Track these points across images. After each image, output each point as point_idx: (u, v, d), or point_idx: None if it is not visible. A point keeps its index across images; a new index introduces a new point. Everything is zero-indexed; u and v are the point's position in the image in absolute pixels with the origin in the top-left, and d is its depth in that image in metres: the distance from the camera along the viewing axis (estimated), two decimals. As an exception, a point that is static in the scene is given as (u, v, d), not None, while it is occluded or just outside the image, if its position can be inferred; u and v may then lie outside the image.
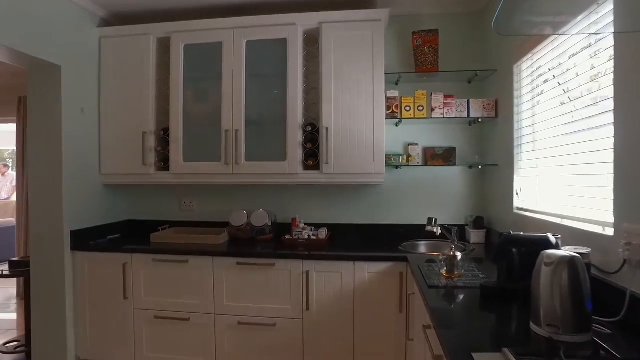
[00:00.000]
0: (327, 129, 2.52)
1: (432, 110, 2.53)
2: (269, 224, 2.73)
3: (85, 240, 2.62)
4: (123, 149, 2.76)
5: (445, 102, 2.50)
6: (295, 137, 2.56)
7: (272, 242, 2.68)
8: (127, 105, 2.75)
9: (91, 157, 2.73)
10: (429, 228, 2.50)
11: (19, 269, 2.79)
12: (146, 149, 2.71)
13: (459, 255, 1.75)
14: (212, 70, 2.67)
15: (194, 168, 2.67)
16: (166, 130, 2.73)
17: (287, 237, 2.63)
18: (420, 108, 2.55)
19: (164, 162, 2.76)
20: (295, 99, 2.56)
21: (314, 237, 2.60)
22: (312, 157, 2.60)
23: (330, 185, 2.81)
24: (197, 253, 2.40)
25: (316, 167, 2.58)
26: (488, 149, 2.70)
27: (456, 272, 1.73)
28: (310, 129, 2.56)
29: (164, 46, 2.76)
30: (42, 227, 2.52)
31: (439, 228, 2.44)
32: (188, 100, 2.70)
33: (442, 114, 2.52)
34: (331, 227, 2.82)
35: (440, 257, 1.75)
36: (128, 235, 2.92)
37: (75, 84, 2.57)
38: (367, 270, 2.27)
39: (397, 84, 2.74)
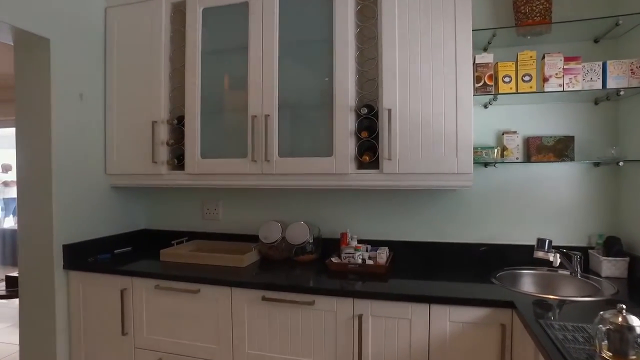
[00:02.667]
0: (389, 111, 1.80)
1: (546, 80, 1.72)
2: (310, 240, 2.05)
3: (84, 255, 2.10)
4: (130, 144, 2.22)
5: (566, 67, 1.69)
6: (345, 123, 1.86)
7: (315, 265, 2.01)
8: (136, 89, 2.20)
9: (94, 154, 2.21)
10: (540, 254, 1.71)
11: (17, 288, 2.34)
12: (156, 143, 2.15)
13: (636, 324, 0.96)
14: (237, 39, 2.05)
15: (213, 167, 2.06)
16: (181, 120, 2.15)
17: (333, 259, 1.94)
18: (527, 78, 1.75)
19: (178, 160, 2.18)
20: (345, 73, 1.87)
21: (371, 262, 1.90)
22: (369, 151, 1.90)
23: (394, 190, 2.09)
24: (210, 281, 1.78)
25: (374, 164, 1.87)
26: (628, 137, 1.84)
27: (633, 356, 0.95)
28: (366, 112, 1.86)
29: (178, 12, 2.18)
30: (29, 240, 2.04)
31: (557, 255, 1.64)
32: (207, 80, 2.10)
33: (561, 85, 1.70)
34: (393, 246, 2.10)
35: (599, 326, 0.98)
36: (141, 249, 2.39)
37: (71, 63, 2.06)
38: (450, 318, 1.52)
39: (485, 50, 1.96)
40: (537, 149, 1.95)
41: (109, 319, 1.96)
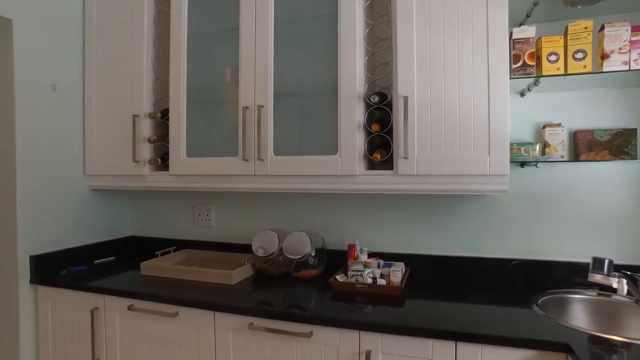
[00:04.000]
0: (405, 99, 1.48)
1: (605, 57, 1.36)
2: (312, 253, 1.74)
3: (57, 268, 1.85)
4: (110, 141, 1.96)
5: (634, 38, 1.33)
6: (352, 115, 1.55)
7: (317, 282, 1.70)
8: (116, 78, 1.94)
9: (71, 153, 1.96)
10: (598, 278, 1.37)
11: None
12: (138, 140, 1.88)
13: None
14: (227, 18, 1.76)
15: (200, 167, 1.78)
16: (166, 113, 1.87)
17: (338, 277, 1.63)
18: (580, 55, 1.39)
19: (162, 159, 1.90)
20: (353, 54, 1.55)
21: (383, 281, 1.58)
22: (382, 148, 1.58)
23: (411, 195, 1.76)
24: (190, 303, 1.49)
25: (387, 164, 1.56)
26: None
27: None
28: (377, 100, 1.54)
29: (163, -10, 1.91)
30: (-6, 251, 1.80)
31: (624, 281, 1.29)
32: (194, 67, 1.81)
33: (626, 62, 1.35)
34: (411, 261, 1.77)
35: None
36: (126, 259, 2.12)
37: (40, 49, 1.81)
38: (483, 360, 1.19)
39: (521, 24, 1.61)
40: (588, 145, 1.60)
41: (79, 343, 1.70)
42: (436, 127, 1.47)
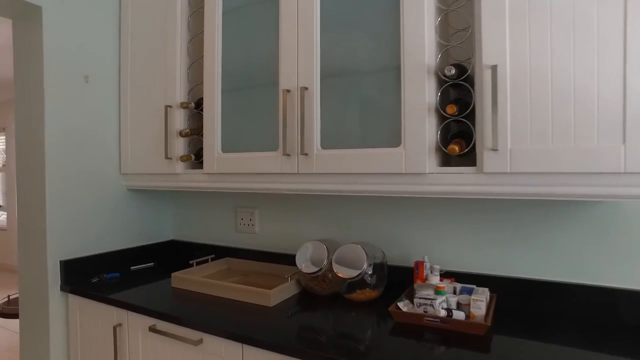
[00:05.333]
0: (493, 69, 1.08)
1: None
2: (369, 271, 1.40)
3: (89, 273, 1.70)
4: (143, 136, 1.77)
5: None
6: (419, 94, 1.18)
7: (375, 308, 1.35)
8: (150, 66, 1.74)
9: (104, 149, 1.80)
10: None
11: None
12: (170, 134, 1.66)
13: None
14: (268, -13, 1.48)
15: (236, 164, 1.51)
16: (201, 103, 1.64)
17: (402, 305, 1.26)
18: None
19: (197, 155, 1.67)
20: (420, 15, 1.18)
21: (461, 314, 1.19)
22: (460, 137, 1.19)
23: (501, 199, 1.35)
24: (215, 330, 1.22)
25: (468, 158, 1.17)
26: None
27: None
28: (454, 73, 1.15)
29: (198, -38, 1.67)
30: (26, 253, 1.68)
31: None
32: (230, 47, 1.55)
33: None
34: (497, 285, 1.36)
35: None
36: (166, 265, 1.93)
37: (72, 37, 1.66)
38: None
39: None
40: None
41: (105, 358, 1.52)
42: (539, 107, 1.05)
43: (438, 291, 1.23)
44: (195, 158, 1.66)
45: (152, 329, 1.34)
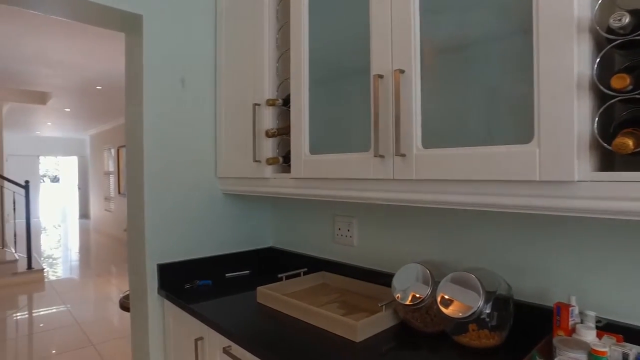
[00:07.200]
0: (702, 12, 0.66)
1: None
2: (486, 309, 1.05)
3: (184, 278, 1.68)
4: (234, 137, 1.69)
5: None
6: (562, 63, 0.80)
7: (494, 359, 1.00)
8: (241, 63, 1.65)
9: (201, 153, 1.77)
10: None
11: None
12: (258, 135, 1.54)
13: None
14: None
15: (323, 167, 1.30)
16: (289, 100, 1.47)
17: (534, 364, 0.89)
18: None
19: (285, 158, 1.51)
20: (567, -51, 0.80)
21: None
22: (634, 125, 0.78)
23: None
24: (287, 367, 1.02)
25: (647, 159, 0.75)
26: None
27: None
28: (626, 23, 0.74)
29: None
30: (132, 256, 1.74)
31: None
32: (318, 32, 1.35)
33: None
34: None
35: None
36: (262, 273, 1.83)
37: (169, 43, 1.66)
38: None
39: None
40: None
41: (191, 374, 1.46)
42: None
43: (595, 356, 0.83)
44: (284, 160, 1.51)
45: (226, 352, 1.21)
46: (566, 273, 1.08)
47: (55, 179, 15.53)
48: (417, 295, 1.15)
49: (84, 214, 12.60)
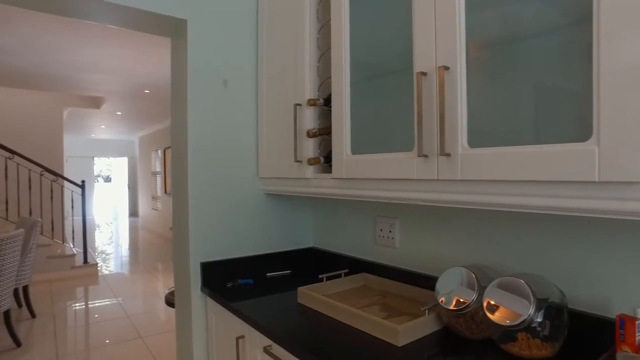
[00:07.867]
0: None
1: None
2: (537, 318, 0.99)
3: (226, 277, 1.71)
4: (275, 137, 1.70)
5: None
6: (628, 50, 0.74)
7: (547, 372, 0.94)
8: (282, 63, 1.66)
9: (243, 153, 1.80)
10: None
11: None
12: (300, 135, 1.54)
13: None
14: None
15: (365, 167, 1.28)
16: (330, 99, 1.47)
17: (592, 378, 0.83)
18: None
19: (328, 157, 1.51)
20: None
21: None
22: None
23: None
24: (327, 369, 1.01)
25: None
26: None
27: None
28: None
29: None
30: (177, 254, 1.79)
31: None
32: (360, 30, 1.33)
33: None
34: None
35: None
36: (304, 274, 1.84)
37: (212, 45, 1.70)
38: None
39: None
40: None
41: (233, 371, 1.48)
42: None
43: (662, 372, 0.76)
44: (326, 161, 1.50)
45: (267, 351, 1.22)
46: (630, 282, 1.00)
47: (107, 179, 16.44)
48: (462, 300, 1.11)
49: (133, 212, 13.25)
